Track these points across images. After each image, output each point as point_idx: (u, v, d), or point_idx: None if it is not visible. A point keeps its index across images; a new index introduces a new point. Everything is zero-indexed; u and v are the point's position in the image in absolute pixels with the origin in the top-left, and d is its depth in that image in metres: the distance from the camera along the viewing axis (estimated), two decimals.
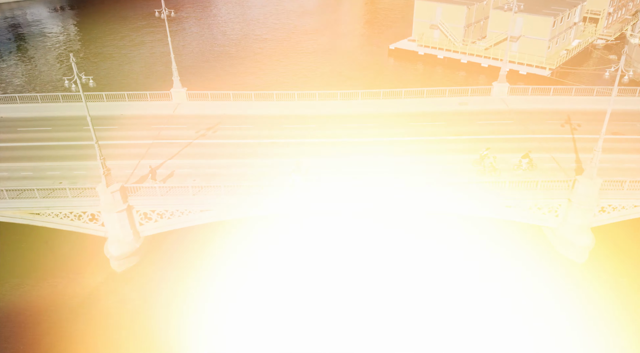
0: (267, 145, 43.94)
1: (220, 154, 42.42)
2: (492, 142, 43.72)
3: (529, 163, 39.03)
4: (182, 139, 45.04)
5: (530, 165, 39.09)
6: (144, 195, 36.53)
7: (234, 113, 50.34)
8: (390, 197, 36.84)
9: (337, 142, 44.33)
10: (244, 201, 36.81)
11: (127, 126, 47.91)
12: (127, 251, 36.83)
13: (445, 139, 44.47)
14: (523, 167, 39.04)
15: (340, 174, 39.18)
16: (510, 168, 39.53)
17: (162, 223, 37.70)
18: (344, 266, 37.98)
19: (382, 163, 40.74)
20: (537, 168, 39.33)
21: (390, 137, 44.84)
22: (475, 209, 37.28)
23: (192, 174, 39.79)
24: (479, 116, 48.98)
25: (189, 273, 38.11)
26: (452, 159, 41.06)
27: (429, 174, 39.03)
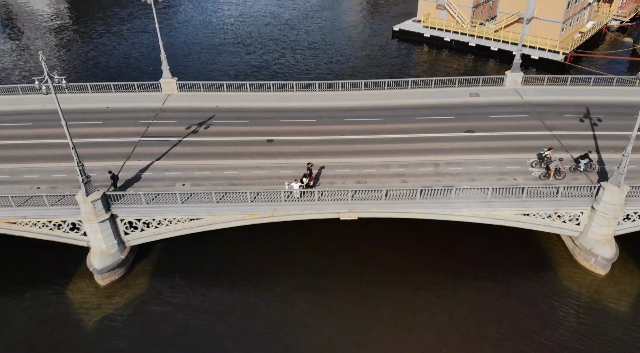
0: (263, 144, 40.59)
1: (212, 154, 39.12)
2: (507, 139, 40.39)
3: (588, 164, 35.32)
4: (172, 136, 41.69)
5: (590, 167, 35.40)
6: (128, 203, 33.38)
7: (228, 106, 46.86)
8: (398, 206, 33.62)
9: (338, 140, 40.96)
10: (237, 210, 33.66)
11: (113, 121, 44.50)
12: (111, 263, 33.91)
13: (456, 136, 41.02)
14: (581, 169, 35.50)
15: (341, 177, 35.89)
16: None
17: (149, 232, 34.70)
18: (349, 277, 35.09)
19: (387, 164, 37.41)
20: (596, 170, 35.59)
21: (396, 134, 41.41)
22: (488, 217, 34.10)
23: (181, 177, 36.57)
24: (492, 109, 45.42)
25: (179, 285, 35.24)
26: (463, 160, 37.75)
27: (439, 177, 35.78)
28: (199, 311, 33.08)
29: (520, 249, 37.15)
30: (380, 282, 34.84)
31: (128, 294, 34.42)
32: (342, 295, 33.92)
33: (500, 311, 32.48)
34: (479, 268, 35.69)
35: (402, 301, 33.43)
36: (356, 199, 33.59)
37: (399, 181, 35.55)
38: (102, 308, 33.31)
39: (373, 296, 33.83)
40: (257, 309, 33.06)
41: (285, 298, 33.86)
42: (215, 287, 34.81)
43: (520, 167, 36.93)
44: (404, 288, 34.39)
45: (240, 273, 35.85)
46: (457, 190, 33.13)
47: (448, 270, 35.66)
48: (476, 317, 32.16)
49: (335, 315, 32.47)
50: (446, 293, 33.96)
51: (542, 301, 33.15)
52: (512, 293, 33.73)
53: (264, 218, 34.21)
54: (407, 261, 36.43)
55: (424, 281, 34.88)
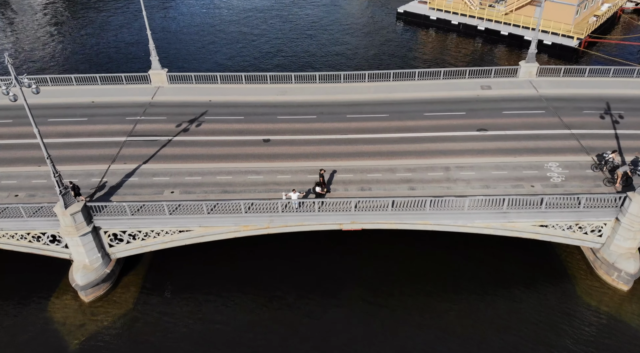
0: (259, 144, 37.62)
1: (204, 156, 36.24)
2: (522, 139, 37.47)
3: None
4: (161, 136, 38.70)
5: None
6: (111, 215, 30.66)
7: (222, 100, 43.75)
8: (406, 218, 30.90)
9: (340, 140, 37.99)
10: (230, 221, 30.96)
11: (98, 117, 41.46)
12: (95, 279, 31.41)
13: (467, 135, 38.03)
14: None
15: (343, 184, 33.07)
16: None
17: (136, 244, 32.10)
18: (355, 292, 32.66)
19: (394, 167, 34.55)
20: None
21: (402, 132, 38.44)
22: (503, 228, 31.42)
23: (170, 183, 33.77)
24: (505, 104, 42.29)
25: (169, 300, 32.85)
26: (476, 164, 34.88)
27: (450, 183, 32.99)
28: (191, 328, 30.82)
29: (534, 256, 34.68)
30: (389, 292, 32.60)
31: (114, 311, 32.04)
32: (347, 306, 31.53)
33: (514, 324, 30.10)
34: (490, 279, 33.26)
35: (412, 312, 31.32)
36: (360, 209, 30.82)
37: (406, 188, 32.74)
38: (87, 327, 30.97)
39: (383, 306, 31.52)
40: (255, 327, 30.70)
41: (285, 313, 31.60)
42: (209, 301, 32.52)
43: (537, 172, 34.07)
44: (413, 298, 32.09)
45: (237, 286, 33.53)
46: (470, 201, 30.27)
47: (457, 280, 33.25)
48: (483, 333, 29.77)
49: (342, 329, 30.09)
50: (454, 303, 31.57)
51: (559, 317, 30.91)
52: (525, 307, 31.41)
53: (259, 230, 31.57)
54: (414, 270, 34.01)
55: (429, 291, 32.59)
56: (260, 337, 30.20)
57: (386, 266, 34.52)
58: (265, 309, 31.92)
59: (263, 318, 31.40)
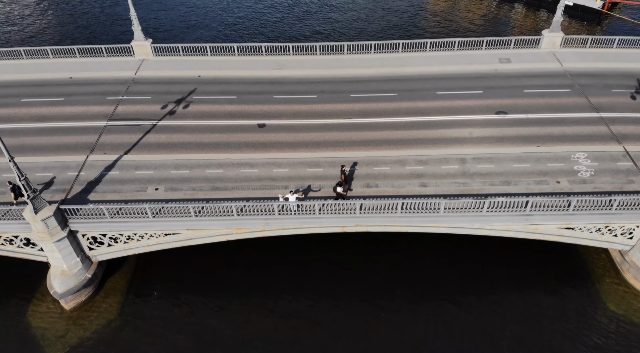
0: (253, 130, 34.03)
1: (192, 145, 32.79)
2: (546, 124, 33.95)
3: None
4: (144, 119, 35.06)
5: None
6: (88, 218, 27.59)
7: (212, 75, 39.79)
8: (417, 220, 27.83)
9: (343, 125, 34.38)
10: (221, 224, 27.93)
11: (76, 97, 37.64)
12: (75, 285, 28.77)
13: (485, 119, 34.37)
14: None
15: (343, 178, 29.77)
16: None
17: (118, 247, 29.24)
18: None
19: (403, 159, 31.18)
20: None
21: (413, 116, 34.79)
22: (524, 231, 28.42)
23: (154, 178, 30.49)
24: (526, 80, 38.28)
25: (158, 304, 30.40)
26: (495, 154, 31.47)
27: (466, 178, 29.74)
28: (182, 334, 28.69)
29: (554, 254, 31.89)
30: (401, 294, 30.25)
31: (98, 318, 29.67)
32: (353, 312, 29.22)
33: (531, 330, 27.84)
34: (503, 279, 30.87)
35: (422, 316, 29.30)
36: (365, 210, 27.68)
37: (417, 185, 29.48)
38: (69, 337, 28.67)
39: (391, 309, 29.39)
40: (251, 330, 28.55)
41: (283, 318, 29.34)
42: (201, 305, 30.20)
43: (563, 164, 30.65)
44: (422, 301, 29.82)
45: (231, 287, 31.16)
46: (490, 204, 27.08)
47: (469, 282, 30.81)
48: (498, 339, 27.46)
49: (344, 333, 27.77)
50: (466, 306, 29.24)
51: (581, 322, 28.54)
52: (544, 310, 29.16)
53: (254, 233, 28.58)
54: (422, 272, 31.54)
55: (438, 293, 30.22)
56: (257, 341, 27.98)
57: (393, 266, 31.82)
58: (261, 313, 29.70)
59: (259, 322, 29.24)
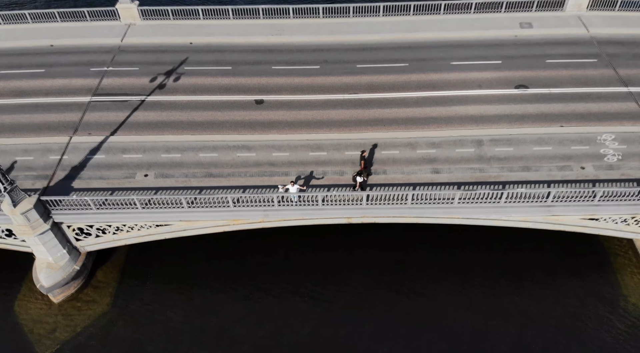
0: (250, 106, 31.71)
1: (184, 125, 30.64)
2: (570, 100, 31.58)
3: None
4: (132, 94, 32.69)
5: None
6: (72, 209, 25.85)
7: (205, 42, 37.02)
8: (428, 212, 26.04)
9: (349, 101, 32.00)
10: (216, 215, 26.21)
11: (58, 68, 35.08)
12: (62, 278, 27.45)
13: (504, 95, 31.93)
14: None
15: (352, 164, 27.77)
16: None
17: (107, 238, 27.70)
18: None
19: (414, 141, 29.09)
20: None
21: (425, 90, 32.38)
22: (545, 222, 26.68)
23: (143, 163, 28.55)
24: (549, 48, 35.45)
25: (152, 294, 29.24)
26: (514, 136, 29.33)
27: (483, 164, 27.76)
28: (179, 325, 27.62)
29: (573, 242, 30.23)
30: (412, 289, 29.04)
31: (89, 311, 28.57)
32: (359, 304, 28.19)
33: (542, 323, 26.73)
34: (519, 271, 29.43)
35: (439, 304, 28.38)
36: (373, 201, 25.85)
37: (429, 171, 27.48)
38: (59, 332, 27.65)
39: (407, 302, 28.28)
40: (249, 321, 27.55)
41: (283, 309, 28.29)
42: (200, 294, 29.08)
43: (589, 147, 28.48)
44: (438, 289, 28.69)
45: (231, 276, 29.91)
46: (508, 195, 25.17)
47: (481, 272, 29.43)
48: (514, 327, 26.44)
49: (350, 324, 26.73)
50: (480, 296, 28.06)
51: (600, 314, 27.28)
52: (561, 300, 27.97)
53: (252, 224, 26.91)
54: (435, 260, 30.31)
55: (449, 283, 29.20)
56: (258, 330, 27.16)
57: (404, 251, 30.36)
58: (263, 300, 28.71)
59: (260, 310, 28.34)
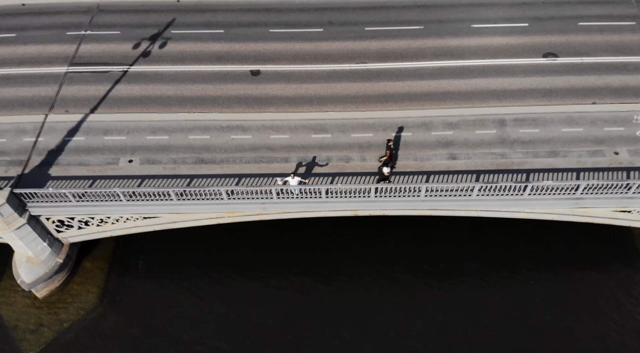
0: (245, 78, 29.05)
1: (172, 100, 28.17)
2: (604, 71, 28.80)
3: None
4: (113, 63, 29.99)
5: None
6: (49, 201, 23.92)
7: (194, 0, 33.54)
8: (444, 205, 24.02)
9: (356, 72, 29.30)
10: (209, 208, 24.30)
11: (30, 32, 32.10)
12: (44, 273, 25.99)
13: (530, 65, 29.16)
14: None
15: (359, 148, 25.57)
16: None
17: (91, 230, 25.96)
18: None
19: (429, 121, 26.70)
20: None
21: (442, 59, 29.56)
22: (572, 214, 24.72)
23: (127, 146, 26.35)
24: (582, 8, 32.35)
25: (145, 284, 27.91)
26: (541, 115, 26.94)
27: (505, 148, 25.49)
28: (174, 318, 26.53)
29: (598, 231, 28.40)
30: (432, 275, 27.61)
31: (76, 305, 27.33)
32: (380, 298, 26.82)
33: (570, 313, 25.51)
34: (534, 258, 27.93)
35: (455, 294, 27.18)
36: (382, 193, 23.80)
37: (445, 157, 25.25)
38: (44, 330, 26.49)
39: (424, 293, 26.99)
40: (246, 313, 26.56)
41: (285, 299, 27.18)
42: (194, 283, 27.75)
43: (623, 129, 26.03)
44: (454, 280, 27.35)
45: (227, 266, 28.49)
46: (533, 188, 23.05)
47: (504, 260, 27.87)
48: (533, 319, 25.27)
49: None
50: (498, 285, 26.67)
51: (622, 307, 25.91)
52: (582, 291, 26.45)
53: (249, 217, 25.00)
54: (446, 249, 28.69)
55: (466, 274, 27.64)
56: (256, 321, 26.04)
57: (411, 242, 28.67)
58: (259, 290, 27.49)
59: (258, 301, 27.18)
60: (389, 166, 23.07)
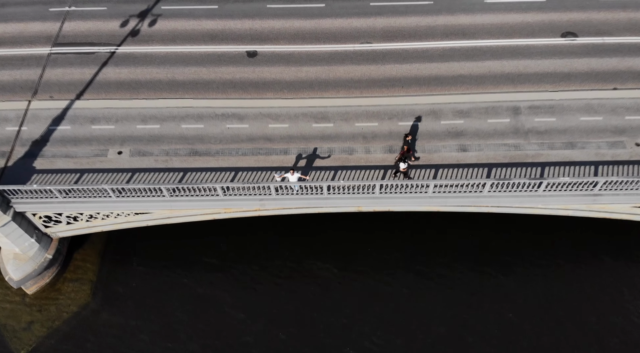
0: (240, 60, 27.51)
1: (163, 85, 26.70)
2: (627, 53, 27.20)
3: None
4: (99, 44, 28.38)
5: None
6: (34, 198, 22.88)
7: None
8: (453, 201, 22.96)
9: (359, 53, 27.71)
10: (203, 205, 23.28)
11: (10, 8, 30.39)
12: (32, 270, 25.23)
13: (547, 45, 27.49)
14: None
15: (363, 139, 24.34)
16: None
17: (80, 225, 25.04)
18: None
19: (438, 109, 25.34)
20: None
21: (452, 38, 27.91)
22: (588, 210, 23.71)
23: (116, 135, 25.12)
24: None
25: (139, 279, 27.23)
26: (558, 101, 25.48)
27: (519, 139, 24.25)
28: (171, 311, 25.96)
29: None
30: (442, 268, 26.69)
31: (68, 301, 26.70)
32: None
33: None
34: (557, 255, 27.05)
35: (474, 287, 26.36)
36: (387, 190, 22.70)
37: (455, 149, 24.04)
38: (35, 328, 25.90)
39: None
40: (245, 305, 26.05)
41: (285, 293, 26.51)
42: (192, 275, 27.00)
43: None
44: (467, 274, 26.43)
45: (226, 257, 27.66)
46: (548, 185, 21.93)
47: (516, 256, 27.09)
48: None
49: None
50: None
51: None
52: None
53: (247, 213, 24.00)
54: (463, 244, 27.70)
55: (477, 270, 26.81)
56: (256, 316, 25.57)
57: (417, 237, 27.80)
58: (262, 284, 26.85)
59: (256, 293, 26.52)
60: (406, 162, 21.85)
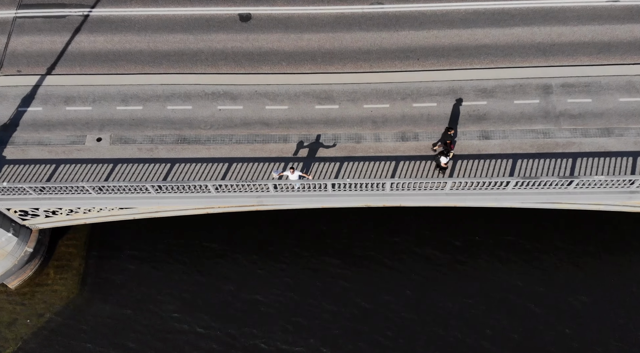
0: (233, 25, 24.75)
1: (144, 58, 24.08)
2: None
3: None
4: (70, 5, 25.35)
5: None
6: (5, 194, 21.15)
7: None
8: (472, 198, 21.20)
9: (368, 17, 24.81)
10: (194, 201, 21.59)
11: None
12: (12, 265, 23.94)
13: (584, 8, 24.48)
14: None
15: (373, 123, 22.20)
16: None
17: (60, 218, 23.43)
18: None
19: (457, 87, 23.02)
20: None
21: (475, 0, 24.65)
22: (620, 204, 22.02)
23: (94, 119, 22.96)
24: None
25: (130, 269, 26.19)
26: (595, 78, 22.97)
27: (549, 124, 22.12)
28: (165, 303, 25.04)
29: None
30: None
31: (54, 293, 25.67)
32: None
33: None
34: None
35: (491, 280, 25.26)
36: (397, 187, 20.86)
37: (476, 136, 21.98)
38: (20, 324, 24.93)
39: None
40: (243, 296, 25.15)
41: (284, 281, 25.52)
42: (187, 265, 25.96)
43: None
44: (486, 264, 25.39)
45: (223, 245, 26.35)
46: (579, 183, 20.05)
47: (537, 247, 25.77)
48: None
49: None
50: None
51: None
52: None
53: (243, 208, 22.30)
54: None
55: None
56: (254, 305, 24.73)
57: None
58: (259, 277, 25.71)
59: (251, 285, 25.53)
60: (447, 156, 19.85)
